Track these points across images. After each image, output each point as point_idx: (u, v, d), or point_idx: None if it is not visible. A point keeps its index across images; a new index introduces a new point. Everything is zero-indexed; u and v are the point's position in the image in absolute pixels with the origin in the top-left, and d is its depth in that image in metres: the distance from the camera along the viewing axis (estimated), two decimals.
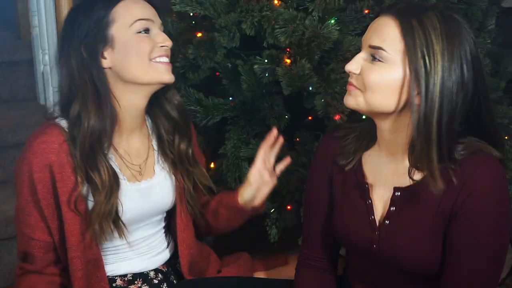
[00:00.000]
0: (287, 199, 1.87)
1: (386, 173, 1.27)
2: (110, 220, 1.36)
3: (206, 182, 1.56)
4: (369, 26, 1.21)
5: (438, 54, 1.13)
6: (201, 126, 1.90)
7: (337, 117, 1.74)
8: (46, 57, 2.52)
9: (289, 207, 1.88)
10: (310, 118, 1.95)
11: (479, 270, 1.18)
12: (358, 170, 1.31)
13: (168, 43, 1.39)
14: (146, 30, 1.37)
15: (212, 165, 1.96)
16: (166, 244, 1.55)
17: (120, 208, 1.38)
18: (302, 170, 1.83)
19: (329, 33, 1.75)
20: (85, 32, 1.34)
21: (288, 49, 1.80)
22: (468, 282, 1.18)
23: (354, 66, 1.20)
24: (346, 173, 1.33)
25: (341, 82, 1.74)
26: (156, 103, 1.47)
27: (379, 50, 1.16)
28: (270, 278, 1.61)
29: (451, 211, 1.18)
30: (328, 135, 1.41)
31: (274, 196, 1.83)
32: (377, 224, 1.27)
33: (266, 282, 1.57)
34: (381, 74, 1.17)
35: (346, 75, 1.25)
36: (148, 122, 1.51)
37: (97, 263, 1.40)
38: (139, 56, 1.35)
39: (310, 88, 1.79)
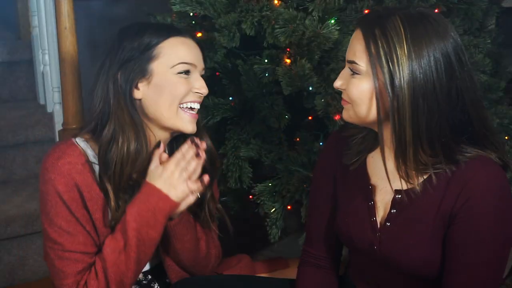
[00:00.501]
0: (287, 199, 1.87)
1: (388, 175, 1.28)
2: None
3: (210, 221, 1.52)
4: None
5: (403, 57, 1.14)
6: (201, 126, 1.90)
7: (337, 117, 1.74)
8: (46, 57, 2.52)
9: (289, 207, 1.88)
10: (310, 118, 1.95)
11: (479, 273, 1.18)
12: (362, 171, 1.32)
13: (204, 91, 1.38)
14: (187, 72, 1.36)
15: None
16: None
17: None
18: (302, 170, 1.83)
19: (329, 33, 1.75)
20: (127, 57, 1.33)
21: (288, 49, 1.80)
22: (468, 286, 1.18)
23: (339, 82, 1.24)
24: (350, 173, 1.34)
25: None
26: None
27: (353, 64, 1.20)
28: (271, 277, 1.61)
29: (450, 214, 1.18)
30: (336, 134, 1.42)
31: (274, 196, 1.83)
32: (378, 225, 1.27)
33: (268, 281, 1.57)
34: (359, 86, 1.20)
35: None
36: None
37: None
38: (171, 98, 1.34)
39: (310, 88, 1.79)
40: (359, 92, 1.20)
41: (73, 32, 1.99)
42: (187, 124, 1.37)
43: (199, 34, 1.91)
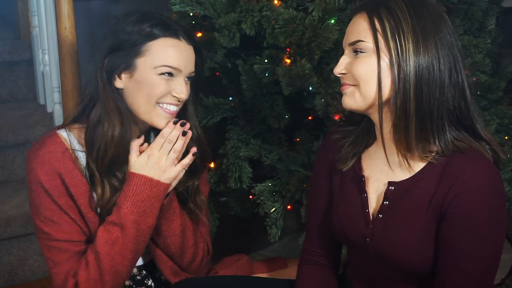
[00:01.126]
0: (287, 199, 1.87)
1: (382, 168, 1.29)
2: None
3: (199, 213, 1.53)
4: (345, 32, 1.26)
5: (409, 33, 1.16)
6: (201, 126, 1.90)
7: (337, 117, 1.74)
8: (46, 57, 2.52)
9: (289, 207, 1.88)
10: (310, 118, 1.95)
11: (471, 269, 1.18)
12: (356, 163, 1.33)
13: (183, 96, 1.37)
14: (170, 74, 1.36)
15: (212, 165, 1.96)
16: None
17: None
18: (302, 170, 1.83)
19: (329, 33, 1.75)
20: (116, 46, 1.35)
21: (288, 49, 1.81)
22: (460, 283, 1.18)
23: (339, 68, 1.24)
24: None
25: (341, 82, 1.74)
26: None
27: (359, 43, 1.20)
28: (270, 278, 1.61)
29: (441, 208, 1.19)
30: (334, 130, 1.42)
31: (274, 196, 1.83)
32: (371, 217, 1.27)
33: (267, 281, 1.57)
34: (367, 63, 1.20)
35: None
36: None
37: None
38: (149, 96, 1.35)
39: (310, 88, 1.79)
40: (367, 68, 1.19)
41: (73, 32, 1.99)
42: (162, 120, 1.38)
43: (199, 34, 1.92)
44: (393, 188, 1.24)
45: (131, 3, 2.78)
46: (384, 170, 1.28)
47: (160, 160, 1.34)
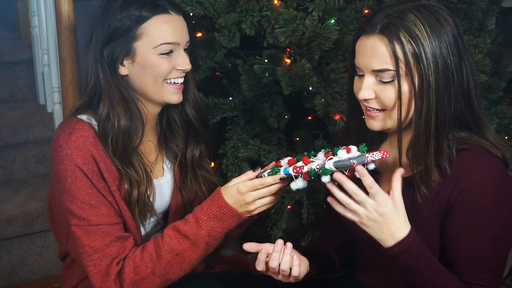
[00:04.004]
0: (288, 199, 1.87)
1: (391, 165, 1.31)
2: (148, 210, 1.42)
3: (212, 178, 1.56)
4: (357, 49, 1.23)
5: (428, 54, 1.17)
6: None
7: (337, 117, 1.74)
8: (46, 57, 2.52)
9: (289, 207, 1.88)
10: (310, 118, 1.95)
11: (476, 263, 1.20)
12: None
13: (187, 67, 1.39)
14: (170, 52, 1.37)
15: (212, 165, 1.96)
16: None
17: (152, 198, 1.43)
18: None
19: (329, 33, 1.75)
20: (111, 35, 1.35)
21: (288, 49, 1.81)
22: (466, 276, 1.20)
23: (367, 92, 1.22)
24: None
25: (341, 82, 1.74)
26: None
27: (386, 72, 1.19)
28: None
29: (447, 204, 1.21)
30: (345, 133, 1.43)
31: None
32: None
33: (267, 278, 1.57)
34: (395, 91, 1.20)
35: (346, 75, 1.26)
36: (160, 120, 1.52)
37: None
38: (155, 77, 1.36)
39: (310, 88, 1.79)
40: (396, 95, 1.20)
41: (73, 32, 1.99)
42: (173, 95, 1.39)
43: (199, 34, 1.91)
44: None
45: None
46: (393, 167, 1.30)
47: (251, 203, 1.31)
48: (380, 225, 1.15)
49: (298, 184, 1.22)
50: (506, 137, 1.94)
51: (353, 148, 1.17)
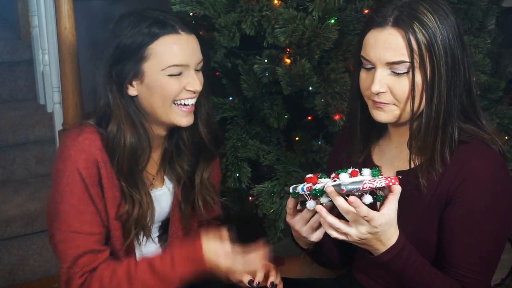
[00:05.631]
0: (286, 200, 1.86)
1: (392, 159, 1.32)
2: (143, 229, 1.41)
3: (214, 207, 1.54)
4: (367, 42, 1.23)
5: (440, 44, 1.18)
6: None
7: (337, 117, 1.74)
8: (46, 57, 2.52)
9: None
10: (309, 118, 1.95)
11: (474, 254, 1.21)
12: (367, 157, 1.36)
13: (197, 87, 1.36)
14: (179, 73, 1.34)
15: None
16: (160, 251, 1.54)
17: (150, 222, 1.42)
18: (301, 170, 1.83)
19: (329, 33, 1.75)
20: (119, 55, 1.34)
21: (288, 49, 1.81)
22: (463, 266, 1.21)
23: (380, 87, 1.22)
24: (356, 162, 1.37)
25: (341, 82, 1.74)
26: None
27: (401, 64, 1.19)
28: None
29: (446, 196, 1.22)
30: (344, 131, 1.45)
31: (273, 197, 1.83)
32: (378, 206, 1.28)
33: None
34: (409, 84, 1.20)
35: (346, 75, 1.26)
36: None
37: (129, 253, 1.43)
38: (163, 98, 1.34)
39: (310, 88, 1.79)
40: (409, 89, 1.20)
41: (73, 32, 1.99)
42: (182, 118, 1.37)
43: None
44: (401, 177, 1.26)
45: (131, 3, 2.77)
46: (393, 161, 1.32)
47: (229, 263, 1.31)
48: (371, 240, 1.15)
49: (310, 204, 1.20)
50: (506, 137, 1.94)
51: (365, 171, 1.14)
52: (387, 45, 1.19)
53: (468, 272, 1.21)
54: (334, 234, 1.16)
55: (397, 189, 1.13)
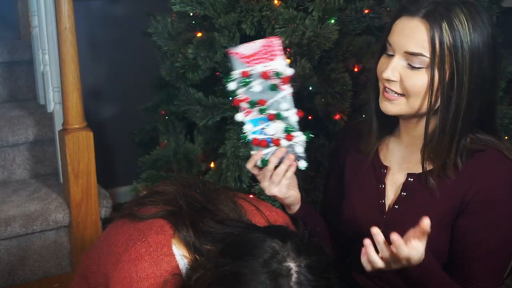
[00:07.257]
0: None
1: (402, 160, 1.31)
2: None
3: None
4: (395, 28, 1.21)
5: (466, 50, 1.15)
6: (201, 126, 1.89)
7: (337, 117, 1.74)
8: (46, 57, 2.51)
9: None
10: (310, 117, 1.95)
11: (485, 264, 1.21)
12: (375, 156, 1.34)
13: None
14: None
15: (212, 165, 1.96)
16: None
17: None
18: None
19: (329, 33, 1.75)
20: None
21: (288, 49, 1.81)
22: (473, 275, 1.22)
23: (392, 74, 1.20)
24: (360, 158, 1.36)
25: (341, 82, 1.74)
26: None
27: (419, 56, 1.17)
28: None
29: (461, 204, 1.21)
30: (346, 126, 1.44)
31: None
32: (386, 208, 1.28)
33: None
34: (424, 78, 1.18)
35: (346, 75, 1.26)
36: None
37: None
38: None
39: (310, 88, 1.79)
40: (423, 84, 1.18)
41: (73, 32, 1.99)
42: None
43: (199, 34, 1.91)
44: (412, 179, 1.25)
45: (131, 3, 2.77)
46: (403, 162, 1.30)
47: None
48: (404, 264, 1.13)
49: (302, 164, 1.29)
50: (506, 137, 1.94)
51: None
52: (411, 34, 1.18)
53: (477, 281, 1.22)
54: (368, 267, 1.15)
55: (427, 228, 1.10)
